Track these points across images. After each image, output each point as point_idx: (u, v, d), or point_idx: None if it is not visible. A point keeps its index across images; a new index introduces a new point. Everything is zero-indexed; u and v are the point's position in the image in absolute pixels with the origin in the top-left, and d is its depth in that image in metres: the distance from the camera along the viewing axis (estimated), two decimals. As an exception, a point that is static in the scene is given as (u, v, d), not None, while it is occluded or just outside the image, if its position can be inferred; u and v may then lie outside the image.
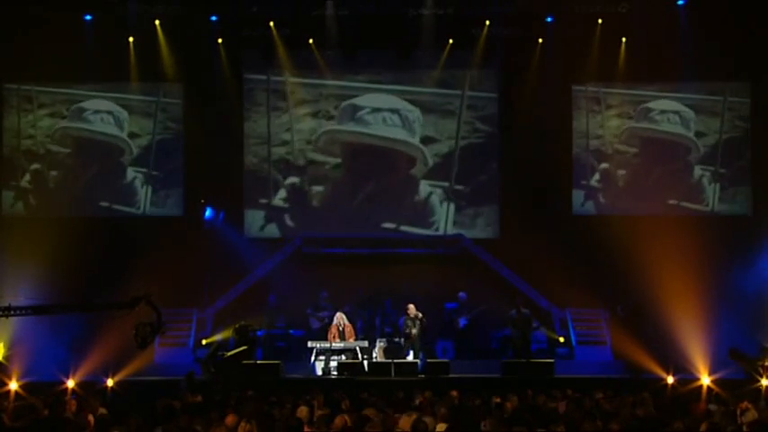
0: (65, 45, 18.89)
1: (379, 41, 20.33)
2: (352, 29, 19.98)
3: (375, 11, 19.89)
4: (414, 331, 17.12)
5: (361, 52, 20.65)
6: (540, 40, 20.39)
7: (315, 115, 20.82)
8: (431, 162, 20.73)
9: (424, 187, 20.75)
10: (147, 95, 20.84)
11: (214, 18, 20.28)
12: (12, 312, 11.04)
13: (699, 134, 20.77)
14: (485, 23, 20.18)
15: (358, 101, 20.74)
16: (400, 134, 20.70)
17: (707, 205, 20.66)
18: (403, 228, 20.70)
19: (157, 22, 20.05)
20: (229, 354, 16.59)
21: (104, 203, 20.68)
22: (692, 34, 19.28)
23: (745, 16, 18.99)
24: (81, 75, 20.31)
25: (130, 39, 20.06)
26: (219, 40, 20.42)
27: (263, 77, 20.90)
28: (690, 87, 20.76)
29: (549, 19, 20.32)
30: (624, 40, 20.21)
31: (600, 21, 20.02)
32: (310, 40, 20.35)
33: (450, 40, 20.36)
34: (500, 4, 20.00)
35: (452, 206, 20.74)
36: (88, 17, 19.84)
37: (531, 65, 20.43)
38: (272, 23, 20.14)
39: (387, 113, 20.70)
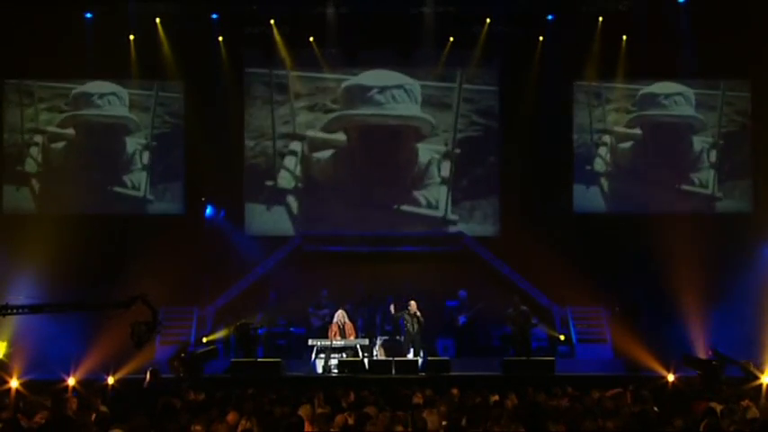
0: (66, 43, 18.94)
1: (380, 40, 20.32)
2: (352, 27, 19.99)
3: (376, 9, 19.90)
4: (409, 328, 17.17)
5: (362, 50, 20.65)
6: (541, 39, 20.40)
7: (314, 108, 20.82)
8: (440, 132, 20.73)
9: (425, 153, 20.75)
10: (148, 93, 20.85)
11: (215, 16, 20.29)
12: (8, 311, 11.04)
13: (701, 131, 20.84)
14: (485, 22, 20.19)
15: (362, 80, 20.78)
16: (411, 109, 20.78)
17: (706, 187, 20.66)
18: (404, 208, 20.67)
19: (158, 20, 20.06)
20: (196, 353, 16.62)
21: (108, 187, 20.70)
22: (693, 32, 19.30)
23: (744, 13, 18.98)
24: (82, 72, 20.34)
25: (131, 37, 20.08)
26: (220, 39, 20.44)
27: (265, 72, 20.92)
28: (690, 85, 20.77)
29: (549, 17, 20.33)
30: (625, 38, 20.22)
31: (600, 19, 20.04)
32: (311, 39, 20.36)
33: (451, 39, 20.36)
34: (501, 3, 20.02)
35: (450, 196, 20.72)
36: (89, 15, 19.85)
37: (532, 63, 20.44)
38: (272, 22, 20.15)
39: (394, 90, 20.73)
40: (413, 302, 17.38)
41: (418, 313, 17.22)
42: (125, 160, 20.80)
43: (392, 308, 17.41)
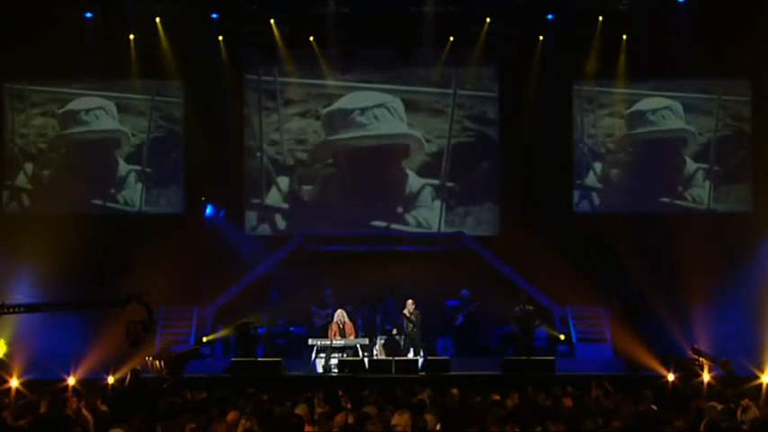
0: (65, 43, 18.91)
1: (380, 39, 20.31)
2: (352, 27, 19.99)
3: (375, 9, 19.91)
4: (406, 329, 17.17)
5: (362, 50, 20.64)
6: (541, 38, 20.41)
7: (312, 115, 20.83)
8: (427, 148, 20.67)
9: (415, 180, 20.72)
10: (147, 93, 20.83)
11: (215, 16, 20.29)
12: (4, 311, 11.04)
13: (694, 142, 20.83)
14: (485, 21, 20.20)
15: (342, 104, 20.69)
16: (396, 127, 20.70)
17: (701, 203, 20.69)
18: (394, 226, 20.66)
19: (158, 19, 20.05)
20: (178, 353, 16.53)
21: (98, 201, 20.68)
22: (693, 32, 19.29)
23: (745, 14, 18.97)
24: (81, 73, 20.32)
25: (131, 36, 20.08)
26: (220, 38, 20.44)
27: (264, 77, 20.92)
28: (690, 85, 20.79)
29: (549, 16, 20.34)
30: (625, 37, 20.22)
31: (600, 18, 20.04)
32: (311, 38, 20.37)
33: (451, 38, 20.36)
34: (501, 2, 20.03)
35: (444, 205, 20.72)
36: (88, 15, 19.85)
37: (532, 62, 20.44)
38: (272, 21, 20.15)
39: (375, 110, 20.68)
40: (410, 301, 17.39)
41: (407, 312, 17.22)
42: (117, 177, 20.74)
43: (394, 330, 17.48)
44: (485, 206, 20.87)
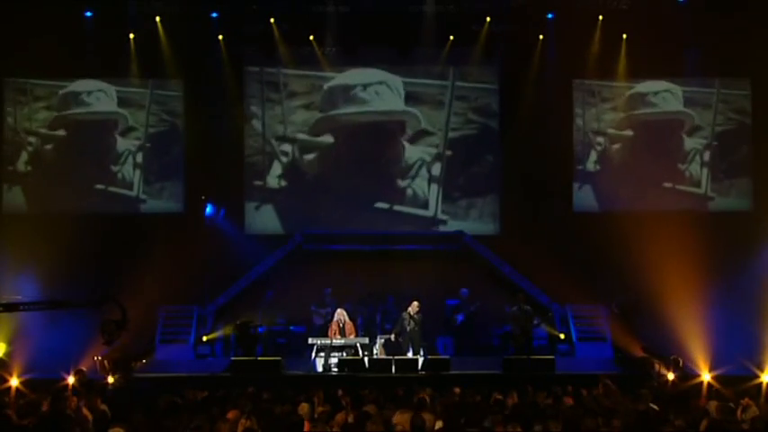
0: (65, 42, 18.94)
1: (380, 38, 20.33)
2: (352, 26, 20.01)
3: (376, 8, 19.91)
4: (406, 327, 17.15)
5: (362, 49, 20.65)
6: (541, 37, 20.42)
7: (309, 106, 20.86)
8: (424, 125, 20.67)
9: (414, 153, 20.73)
10: (143, 91, 20.83)
11: (215, 15, 20.30)
12: None
13: (694, 129, 20.84)
14: (485, 20, 20.21)
15: (343, 80, 20.77)
16: (395, 104, 20.75)
17: (699, 186, 20.72)
18: (394, 208, 20.68)
19: (158, 19, 20.05)
20: (126, 354, 16.47)
21: (100, 186, 20.67)
22: (693, 31, 19.29)
23: (744, 12, 18.99)
24: (81, 71, 20.35)
25: (131, 35, 20.09)
26: (220, 37, 20.44)
27: (264, 71, 20.91)
28: (690, 83, 20.80)
29: (549, 15, 20.35)
30: (625, 36, 20.24)
31: (600, 17, 20.05)
32: (311, 37, 20.38)
33: (451, 37, 20.38)
34: (501, 1, 20.04)
35: (441, 191, 20.72)
36: (89, 14, 19.86)
37: (532, 61, 20.45)
38: (272, 20, 20.16)
39: (377, 86, 20.73)
40: (415, 303, 17.34)
41: (412, 312, 17.21)
42: (116, 159, 20.77)
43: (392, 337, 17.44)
44: (487, 198, 20.86)
